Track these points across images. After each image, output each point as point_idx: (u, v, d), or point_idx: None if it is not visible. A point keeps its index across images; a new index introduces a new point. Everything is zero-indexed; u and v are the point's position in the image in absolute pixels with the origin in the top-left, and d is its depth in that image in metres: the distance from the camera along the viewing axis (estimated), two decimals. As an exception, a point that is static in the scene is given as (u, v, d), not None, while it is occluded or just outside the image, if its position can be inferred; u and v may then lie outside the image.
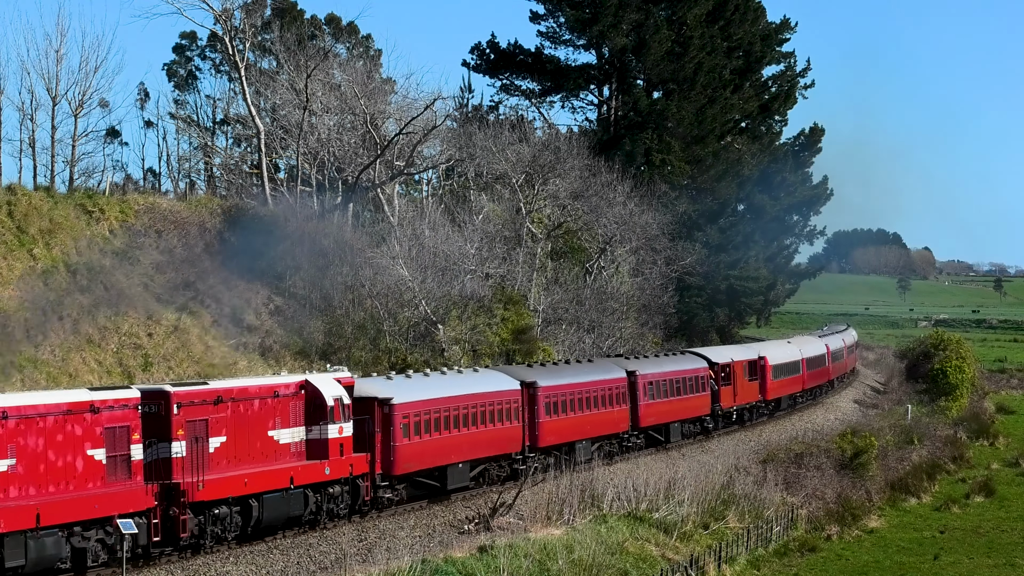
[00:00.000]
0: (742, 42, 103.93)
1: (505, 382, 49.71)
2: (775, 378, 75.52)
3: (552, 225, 79.55)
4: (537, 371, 52.82)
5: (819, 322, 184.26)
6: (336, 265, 63.70)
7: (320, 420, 39.10)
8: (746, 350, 74.57)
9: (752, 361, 72.83)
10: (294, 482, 37.94)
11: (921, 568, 46.65)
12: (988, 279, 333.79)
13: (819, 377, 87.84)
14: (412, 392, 44.06)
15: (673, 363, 63.65)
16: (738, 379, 69.86)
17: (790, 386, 79.99)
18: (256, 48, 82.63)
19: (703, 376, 65.33)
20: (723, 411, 68.30)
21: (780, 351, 79.51)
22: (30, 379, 45.52)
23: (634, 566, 39.67)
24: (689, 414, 63.89)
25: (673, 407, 61.77)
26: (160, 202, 64.24)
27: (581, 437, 53.52)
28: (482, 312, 64.77)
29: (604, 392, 55.53)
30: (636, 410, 58.01)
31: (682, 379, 62.92)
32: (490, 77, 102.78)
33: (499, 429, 48.11)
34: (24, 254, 52.36)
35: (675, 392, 61.84)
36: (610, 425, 56.19)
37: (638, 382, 58.39)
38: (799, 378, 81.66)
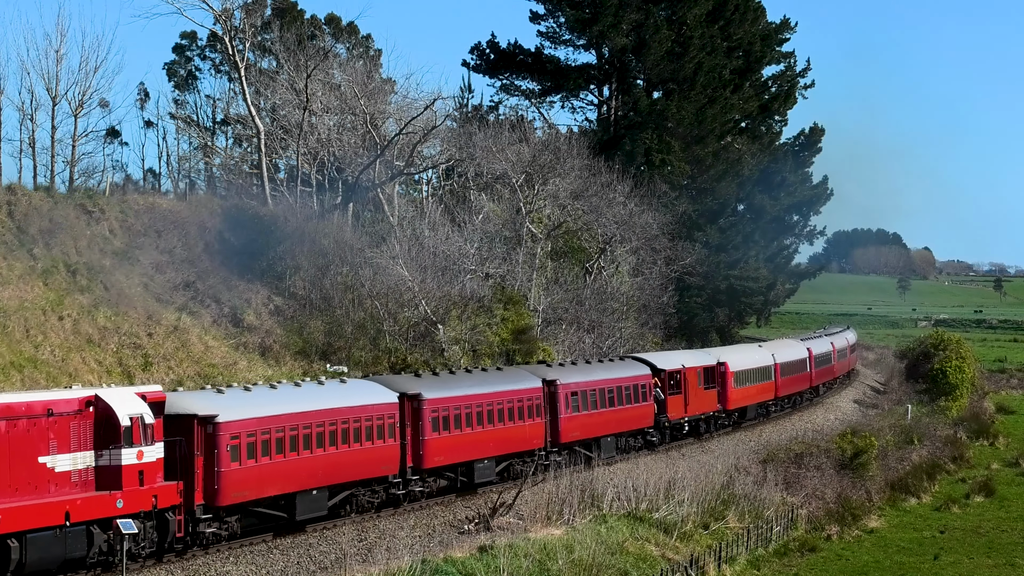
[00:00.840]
0: (742, 42, 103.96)
1: (379, 394, 43.07)
2: (738, 385, 69.46)
3: (552, 225, 79.55)
4: (422, 382, 46.06)
5: (819, 322, 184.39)
6: (336, 265, 63.73)
7: (113, 443, 32.87)
8: (702, 355, 68.37)
9: (709, 367, 66.55)
10: (71, 518, 31.53)
11: (921, 568, 46.64)
12: (988, 279, 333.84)
13: (797, 384, 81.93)
14: (246, 408, 37.77)
15: (607, 370, 57.08)
16: (690, 387, 63.32)
17: (758, 394, 73.65)
18: (256, 48, 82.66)
19: (644, 384, 58.76)
20: (671, 423, 61.41)
21: (745, 356, 73.53)
22: (30, 379, 45.54)
23: (634, 566, 39.66)
24: (627, 427, 57.29)
25: (605, 419, 55.12)
26: (160, 202, 64.28)
27: (477, 456, 46.82)
28: (482, 312, 64.78)
29: (512, 405, 48.83)
30: (556, 424, 51.59)
31: (617, 388, 56.28)
32: (490, 77, 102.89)
33: (363, 450, 41.35)
34: (24, 254, 52.36)
35: (607, 403, 55.25)
36: (518, 441, 49.39)
37: (558, 392, 51.83)
38: (769, 385, 75.36)
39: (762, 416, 74.72)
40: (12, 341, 47.00)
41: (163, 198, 68.01)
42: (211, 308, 58.68)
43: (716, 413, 67.26)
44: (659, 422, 60.42)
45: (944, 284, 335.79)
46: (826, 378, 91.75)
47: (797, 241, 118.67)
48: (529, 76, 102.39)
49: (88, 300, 52.28)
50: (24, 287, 50.40)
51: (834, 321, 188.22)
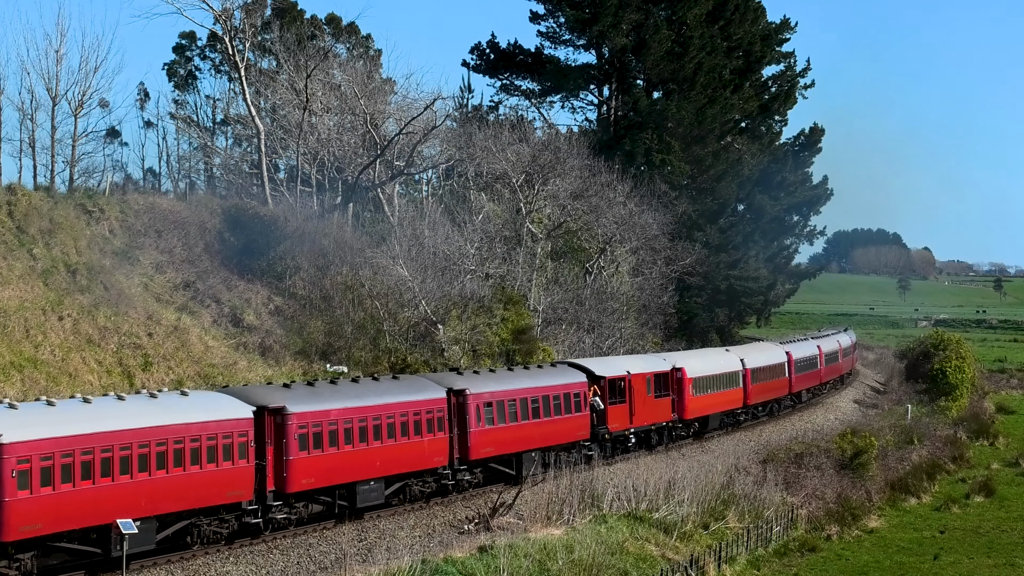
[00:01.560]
0: (742, 42, 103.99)
1: (230, 409, 37.46)
2: (698, 393, 63.98)
3: (552, 225, 79.55)
4: (290, 393, 40.20)
5: (819, 322, 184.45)
6: (336, 265, 63.75)
7: None
8: (653, 361, 62.61)
9: (661, 374, 60.83)
10: None
11: (921, 568, 46.64)
12: (988, 279, 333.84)
13: (773, 390, 76.23)
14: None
15: (532, 378, 51.29)
16: (637, 395, 57.77)
17: (723, 403, 67.95)
18: (256, 48, 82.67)
19: (579, 393, 52.99)
20: (612, 434, 55.87)
21: (706, 362, 67.60)
22: (30, 379, 45.54)
23: (634, 566, 39.65)
24: (556, 440, 51.36)
25: (527, 433, 49.34)
26: (160, 202, 64.31)
27: (361, 477, 40.91)
28: (482, 312, 64.77)
29: (407, 418, 42.92)
30: (465, 438, 45.94)
31: (543, 398, 50.39)
32: (490, 77, 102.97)
33: (200, 474, 35.61)
34: (24, 254, 52.36)
35: (531, 414, 49.44)
36: (414, 459, 43.41)
37: (467, 403, 46.08)
38: (737, 393, 69.74)
39: (730, 426, 69.36)
40: (12, 341, 47.00)
41: (163, 198, 68.05)
42: (211, 308, 58.70)
43: (670, 423, 61.58)
44: (598, 434, 54.60)
45: (944, 284, 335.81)
46: (810, 383, 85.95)
47: (797, 241, 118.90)
48: (529, 76, 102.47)
49: (88, 300, 52.29)
50: (24, 287, 50.41)
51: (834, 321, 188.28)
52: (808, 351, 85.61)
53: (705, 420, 66.01)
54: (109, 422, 33.24)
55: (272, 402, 38.55)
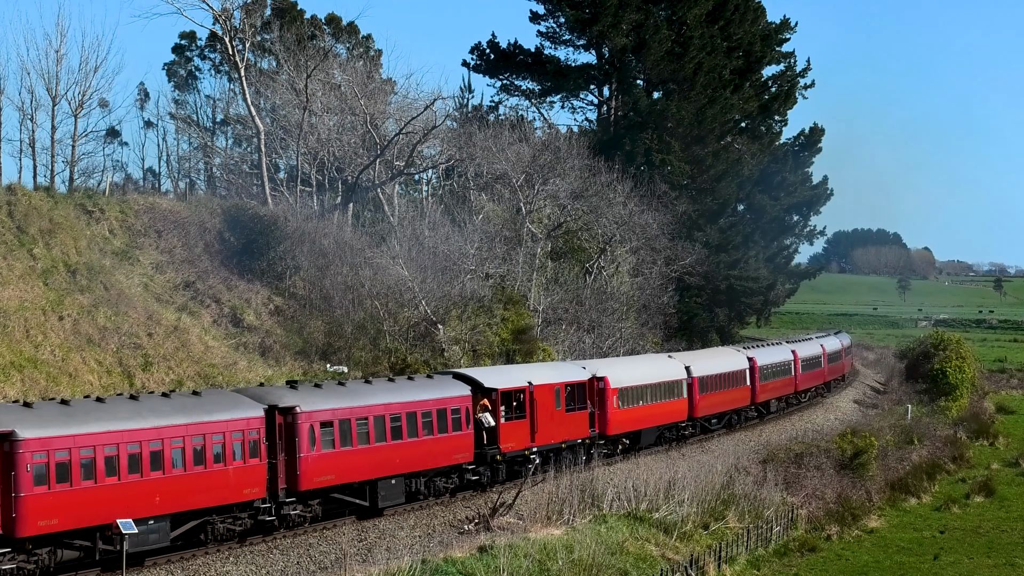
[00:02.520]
0: (742, 42, 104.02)
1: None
2: (625, 406, 56.83)
3: (552, 225, 79.58)
4: (73, 411, 33.49)
5: (819, 322, 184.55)
6: (336, 265, 63.75)
7: None
8: (568, 369, 54.87)
9: (576, 384, 53.39)
10: None
11: (921, 568, 46.64)
12: (988, 279, 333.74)
13: (730, 401, 69.51)
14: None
15: (393, 392, 43.38)
16: (541, 410, 50.06)
17: (661, 415, 60.91)
18: (256, 48, 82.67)
19: (459, 408, 45.39)
20: (506, 455, 48.10)
21: (637, 370, 60.01)
22: (30, 379, 45.55)
23: (634, 566, 39.66)
24: (425, 464, 43.88)
25: (384, 457, 41.77)
26: (160, 202, 64.33)
27: (133, 515, 33.17)
28: (482, 312, 64.77)
29: (203, 443, 35.61)
30: (293, 465, 38.48)
31: (408, 415, 42.92)
32: (490, 77, 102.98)
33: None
34: (24, 254, 52.36)
35: (389, 435, 41.93)
36: (215, 492, 35.93)
37: (298, 424, 38.55)
38: (679, 404, 62.86)
39: (672, 441, 62.58)
40: (12, 341, 47.00)
41: (163, 198, 68.08)
42: (211, 308, 58.71)
43: (588, 440, 53.82)
44: (486, 455, 47.03)
45: (944, 284, 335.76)
46: (780, 392, 78.93)
47: (797, 241, 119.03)
48: (529, 76, 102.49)
49: (88, 300, 52.29)
50: (24, 287, 50.41)
51: (834, 321, 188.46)
52: (779, 357, 78.59)
53: (636, 436, 58.52)
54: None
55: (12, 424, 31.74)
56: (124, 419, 33.74)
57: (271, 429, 37.82)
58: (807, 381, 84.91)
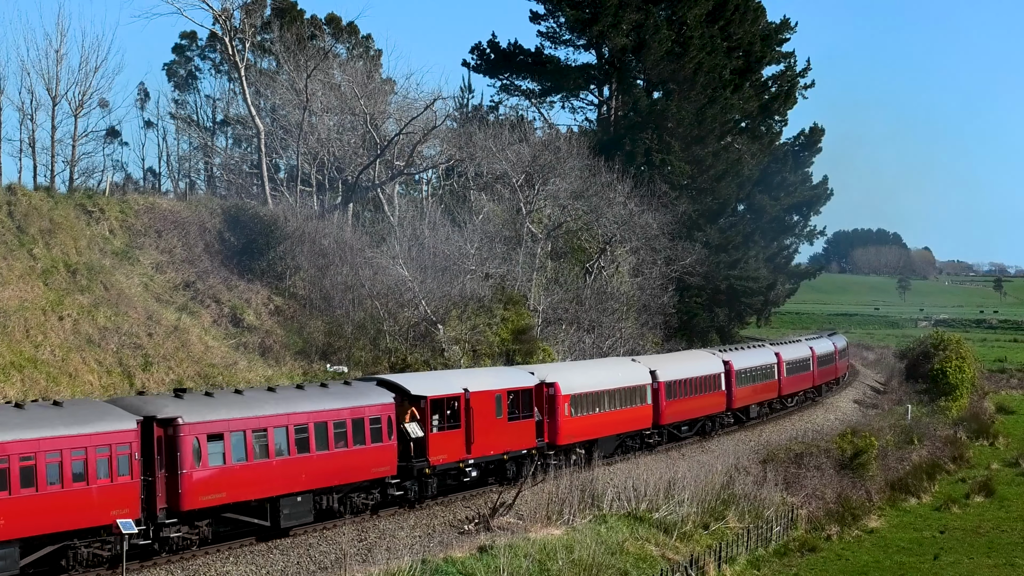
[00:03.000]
0: (742, 42, 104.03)
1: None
2: (578, 413, 53.24)
3: (552, 225, 79.59)
4: None
5: (819, 322, 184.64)
6: (336, 265, 63.76)
7: None
8: (512, 375, 51.10)
9: (521, 391, 49.55)
10: None
11: (921, 568, 46.65)
12: (988, 279, 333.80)
13: (701, 407, 65.97)
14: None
15: (300, 401, 39.70)
16: (478, 418, 46.47)
17: (621, 422, 57.32)
18: (256, 48, 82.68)
19: (379, 418, 41.85)
20: (436, 469, 44.48)
21: (593, 374, 56.43)
22: (30, 379, 45.55)
23: (634, 566, 39.68)
24: (338, 479, 40.35)
25: (289, 471, 38.30)
26: (160, 202, 64.36)
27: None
28: (482, 312, 64.77)
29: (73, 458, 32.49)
30: (175, 483, 34.90)
31: (318, 426, 39.39)
32: (490, 77, 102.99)
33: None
34: (24, 254, 52.37)
35: (292, 448, 38.44)
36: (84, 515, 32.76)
37: (181, 437, 35.07)
38: (643, 411, 59.23)
39: (635, 450, 58.50)
40: (12, 341, 47.01)
41: (163, 198, 68.10)
42: (211, 308, 58.72)
43: (534, 450, 50.03)
44: (412, 469, 43.48)
45: (944, 284, 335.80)
46: (761, 397, 75.17)
47: (797, 241, 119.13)
48: (529, 76, 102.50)
49: (88, 300, 52.30)
50: (24, 287, 50.41)
51: (834, 321, 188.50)
52: (759, 359, 75.17)
53: (592, 445, 54.51)
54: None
55: None
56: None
57: (148, 443, 34.45)
58: (793, 385, 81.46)
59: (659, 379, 60.65)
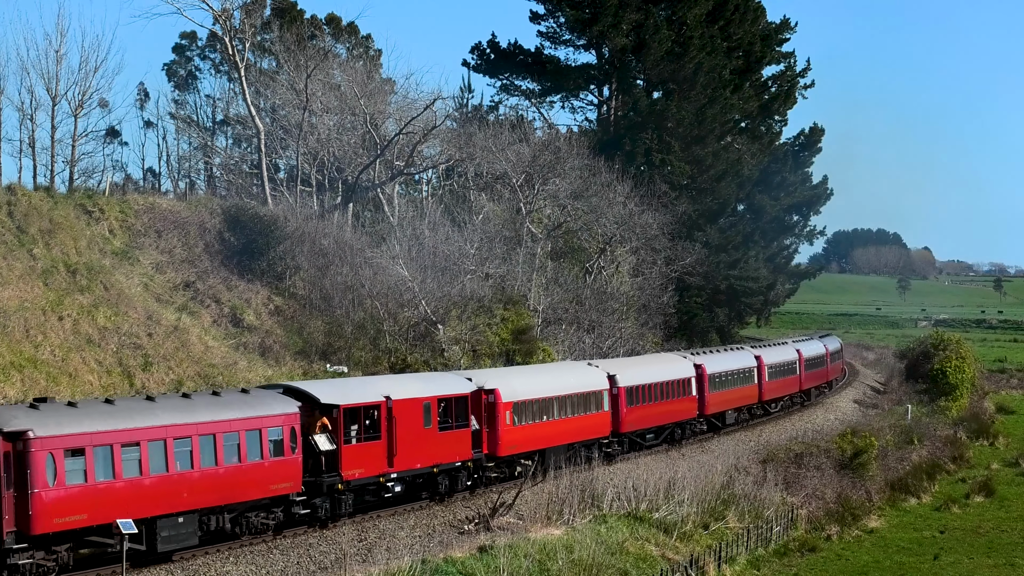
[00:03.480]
0: (742, 42, 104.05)
1: None
2: (522, 421, 49.29)
3: (552, 225, 79.60)
4: None
5: (819, 322, 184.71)
6: (336, 265, 63.78)
7: None
8: (442, 381, 47.15)
9: (456, 398, 45.81)
10: None
11: (921, 568, 46.65)
12: (988, 279, 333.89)
13: (668, 414, 62.01)
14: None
15: (182, 411, 35.50)
16: (403, 428, 42.64)
17: (574, 431, 53.10)
18: (256, 48, 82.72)
19: (278, 429, 37.73)
20: (351, 484, 40.72)
21: (540, 380, 52.41)
22: (30, 379, 45.55)
23: (634, 566, 39.68)
24: (230, 498, 36.35)
25: (165, 491, 34.18)
26: (160, 202, 64.38)
27: None
28: (482, 312, 64.77)
29: None
30: (25, 504, 31.23)
31: (203, 439, 35.46)
32: (490, 77, 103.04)
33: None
34: (24, 254, 52.37)
35: (172, 463, 34.39)
36: None
37: (31, 453, 31.29)
38: (600, 418, 55.17)
39: (592, 459, 52.41)
40: (12, 341, 47.00)
41: (163, 198, 68.13)
42: (211, 308, 58.73)
43: (470, 462, 46.32)
44: (321, 485, 39.63)
45: (944, 284, 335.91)
46: (739, 403, 71.54)
47: (797, 241, 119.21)
48: (529, 76, 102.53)
49: (88, 300, 52.30)
50: (24, 287, 50.42)
51: (834, 321, 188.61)
52: (738, 363, 71.69)
53: (541, 454, 50.79)
54: None
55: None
56: None
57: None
58: (777, 390, 77.66)
59: (619, 384, 56.99)
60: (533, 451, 50.40)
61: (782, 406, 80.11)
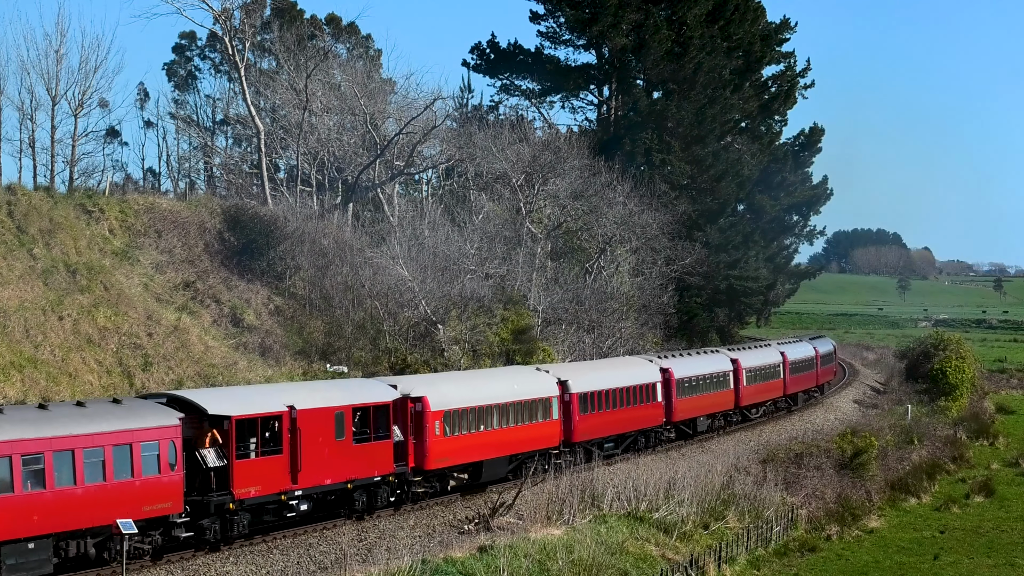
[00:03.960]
0: (742, 42, 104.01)
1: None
2: (453, 432, 45.58)
3: (552, 225, 79.59)
4: None
5: (819, 322, 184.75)
6: (336, 265, 63.79)
7: None
8: (358, 389, 43.10)
9: (377, 407, 41.99)
10: None
11: (921, 568, 46.64)
12: (988, 279, 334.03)
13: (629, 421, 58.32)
14: None
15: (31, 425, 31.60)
16: (310, 441, 39.02)
17: (515, 442, 49.32)
18: (256, 48, 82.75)
19: (153, 444, 34.04)
20: (245, 503, 36.92)
21: (475, 388, 48.37)
22: (30, 379, 45.54)
23: (634, 566, 39.66)
24: (95, 520, 32.48)
25: (10, 513, 30.47)
26: (160, 202, 64.38)
27: None
28: (482, 312, 64.77)
29: None
30: None
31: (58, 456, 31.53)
32: (490, 77, 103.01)
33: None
34: (24, 254, 52.36)
35: (18, 484, 30.66)
36: None
37: None
38: (546, 427, 51.47)
39: (544, 472, 49.22)
40: (12, 341, 47.00)
41: (163, 198, 68.13)
42: (211, 308, 58.72)
43: (392, 477, 42.70)
44: (209, 505, 35.95)
45: (944, 284, 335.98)
46: (713, 408, 67.70)
47: (797, 241, 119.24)
48: (529, 76, 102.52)
49: (88, 300, 52.29)
50: (24, 287, 50.41)
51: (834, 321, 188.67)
52: (711, 367, 67.68)
53: (476, 467, 47.56)
54: None
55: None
56: None
57: None
58: (756, 394, 73.56)
59: (571, 390, 53.32)
60: (466, 464, 47.03)
61: (764, 411, 76.41)
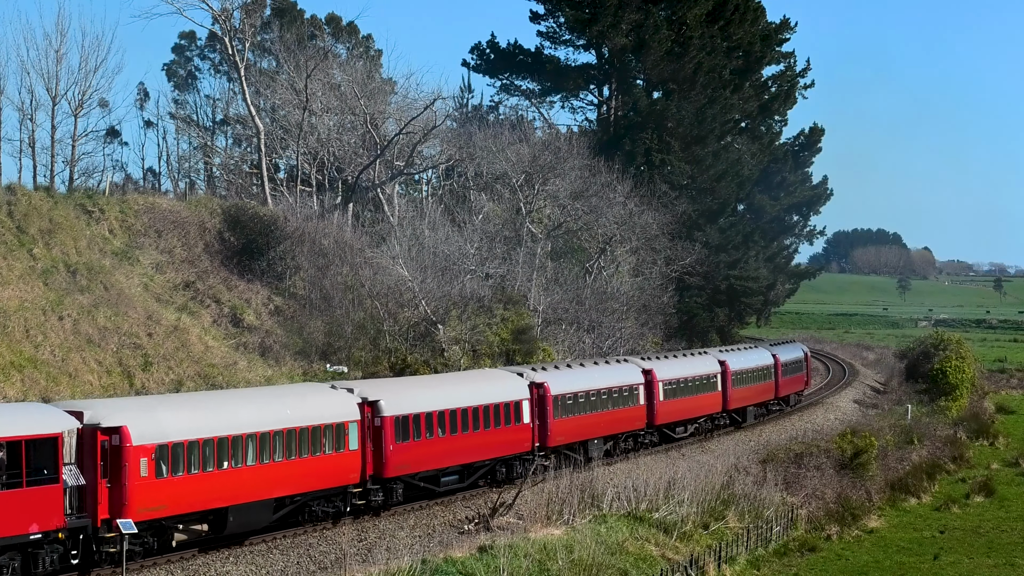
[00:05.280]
0: (742, 42, 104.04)
1: None
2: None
3: (552, 225, 79.58)
4: None
5: (819, 322, 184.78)
6: (336, 265, 63.78)
7: None
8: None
9: (25, 442, 30.50)
10: None
11: (921, 568, 46.61)
12: (988, 279, 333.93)
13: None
14: None
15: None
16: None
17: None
18: (256, 48, 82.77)
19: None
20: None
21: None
22: (30, 379, 45.53)
23: (634, 566, 39.64)
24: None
25: None
26: (160, 202, 64.38)
27: None
28: (482, 312, 64.77)
29: None
30: None
31: None
32: (490, 77, 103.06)
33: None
34: (24, 254, 52.35)
35: None
36: None
37: None
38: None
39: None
40: (12, 341, 46.98)
41: (163, 198, 68.15)
42: (211, 308, 58.71)
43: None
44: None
45: (944, 284, 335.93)
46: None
47: (797, 241, 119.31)
48: (529, 76, 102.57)
49: (88, 300, 52.27)
50: (24, 287, 50.40)
51: (834, 321, 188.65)
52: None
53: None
54: None
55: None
56: None
57: None
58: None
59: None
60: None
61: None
